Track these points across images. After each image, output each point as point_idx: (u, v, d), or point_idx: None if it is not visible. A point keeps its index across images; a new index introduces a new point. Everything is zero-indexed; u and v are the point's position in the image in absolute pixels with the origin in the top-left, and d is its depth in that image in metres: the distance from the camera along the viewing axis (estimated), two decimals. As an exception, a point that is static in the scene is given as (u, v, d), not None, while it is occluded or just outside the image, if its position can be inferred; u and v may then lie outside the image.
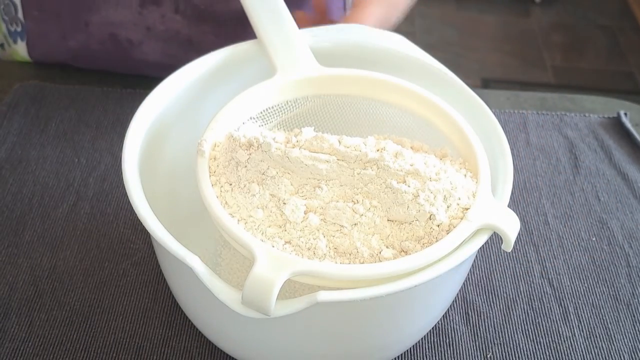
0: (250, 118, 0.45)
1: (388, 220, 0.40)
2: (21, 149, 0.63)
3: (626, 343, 0.51)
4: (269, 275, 0.36)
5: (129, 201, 0.40)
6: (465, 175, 0.43)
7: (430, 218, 0.40)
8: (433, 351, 0.50)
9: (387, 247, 0.39)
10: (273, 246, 0.38)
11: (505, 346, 0.51)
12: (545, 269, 0.56)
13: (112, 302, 0.51)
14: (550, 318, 0.53)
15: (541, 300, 0.54)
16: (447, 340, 0.51)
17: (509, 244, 0.40)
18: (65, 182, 0.60)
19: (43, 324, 0.50)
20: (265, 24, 0.50)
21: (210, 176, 0.41)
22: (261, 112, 0.46)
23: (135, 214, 0.40)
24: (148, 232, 0.39)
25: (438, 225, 0.40)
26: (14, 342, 0.49)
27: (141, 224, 0.39)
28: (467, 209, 0.40)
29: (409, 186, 0.40)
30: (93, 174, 0.61)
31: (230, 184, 0.41)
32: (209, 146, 0.42)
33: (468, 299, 0.53)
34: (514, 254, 0.57)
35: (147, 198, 0.41)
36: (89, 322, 0.50)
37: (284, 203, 0.40)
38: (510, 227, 0.39)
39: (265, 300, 0.35)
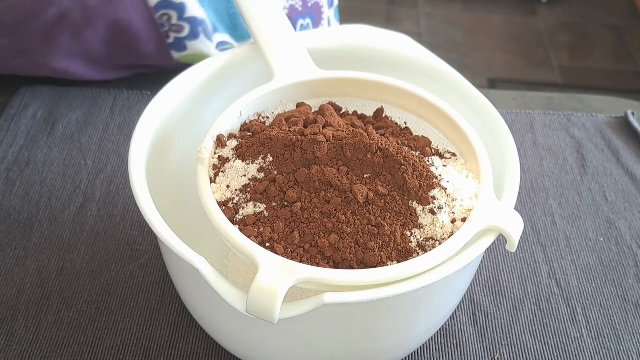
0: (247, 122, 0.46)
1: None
2: (28, 151, 0.63)
3: (634, 344, 0.51)
4: (272, 284, 0.35)
5: (135, 203, 0.40)
6: (467, 177, 0.43)
7: (433, 221, 0.40)
8: (440, 352, 0.50)
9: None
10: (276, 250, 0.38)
11: (513, 347, 0.50)
12: (552, 269, 0.56)
13: (119, 304, 0.52)
14: (558, 319, 0.52)
15: (549, 301, 0.54)
16: (455, 341, 0.50)
17: (512, 245, 0.40)
18: (72, 185, 0.61)
19: (51, 326, 0.50)
20: (260, 27, 0.50)
21: (211, 183, 0.41)
22: (259, 116, 0.46)
23: (142, 216, 0.40)
24: (155, 234, 0.39)
25: (441, 228, 0.40)
26: (22, 345, 0.49)
27: (148, 225, 0.39)
28: (470, 210, 0.40)
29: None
30: (100, 176, 0.61)
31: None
32: (209, 153, 0.42)
33: (475, 300, 0.53)
34: (521, 255, 0.57)
35: (153, 200, 0.41)
36: (96, 324, 0.50)
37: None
38: (513, 227, 0.39)
39: (270, 309, 0.35)
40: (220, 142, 0.43)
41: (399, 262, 0.39)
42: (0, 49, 0.67)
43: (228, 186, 0.41)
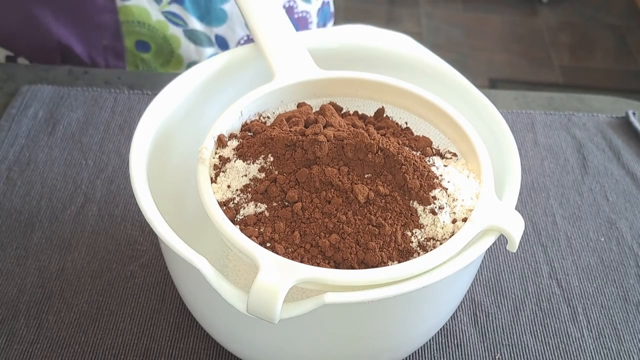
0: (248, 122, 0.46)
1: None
2: (29, 151, 0.63)
3: (635, 344, 0.51)
4: (273, 284, 0.35)
5: (136, 203, 0.40)
6: (468, 177, 0.43)
7: (434, 221, 0.40)
8: (441, 352, 0.50)
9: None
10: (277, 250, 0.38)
11: (514, 347, 0.50)
12: (553, 269, 0.56)
13: (119, 304, 0.52)
14: (558, 319, 0.52)
15: (550, 301, 0.54)
16: (455, 341, 0.50)
17: (513, 245, 0.40)
18: (73, 184, 0.61)
19: (51, 326, 0.50)
20: (261, 27, 0.50)
21: (212, 183, 0.41)
22: (260, 116, 0.46)
23: (143, 216, 0.40)
24: (155, 234, 0.39)
25: (442, 228, 0.40)
26: (22, 344, 0.49)
27: (149, 225, 0.39)
28: (470, 210, 0.40)
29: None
30: (101, 176, 0.61)
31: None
32: (210, 153, 0.42)
33: (476, 300, 0.53)
34: (522, 255, 0.57)
35: (154, 199, 0.41)
36: (97, 324, 0.50)
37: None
38: (514, 227, 0.39)
39: (271, 309, 0.35)
40: (221, 142, 0.43)
41: (399, 262, 0.39)
42: None
43: (229, 186, 0.41)
